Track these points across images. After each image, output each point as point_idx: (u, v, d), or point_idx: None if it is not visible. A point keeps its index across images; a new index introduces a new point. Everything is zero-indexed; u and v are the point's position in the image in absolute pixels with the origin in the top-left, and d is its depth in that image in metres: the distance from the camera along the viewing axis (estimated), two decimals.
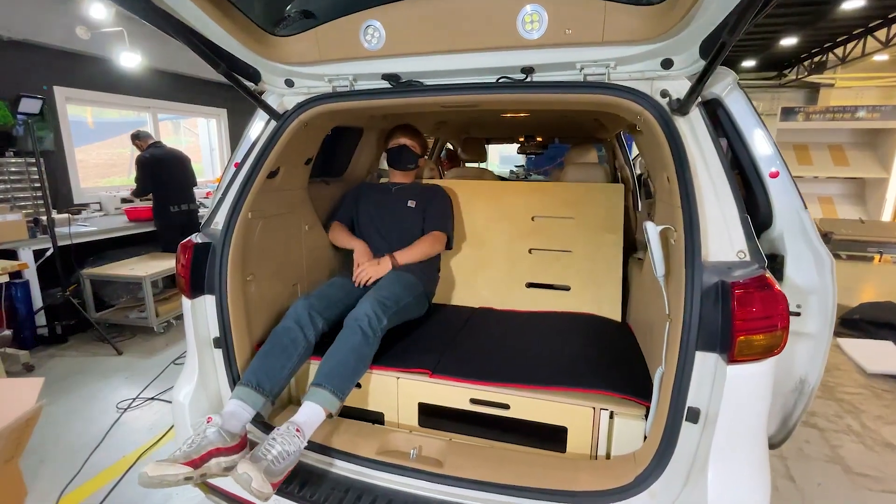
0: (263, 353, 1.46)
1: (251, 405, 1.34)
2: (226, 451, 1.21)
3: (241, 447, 1.25)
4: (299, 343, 1.50)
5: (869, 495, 2.01)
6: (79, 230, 3.72)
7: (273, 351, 1.47)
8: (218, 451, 1.19)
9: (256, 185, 1.53)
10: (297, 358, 1.49)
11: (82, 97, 4.60)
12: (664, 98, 1.28)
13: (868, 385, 2.98)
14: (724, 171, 1.18)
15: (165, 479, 1.08)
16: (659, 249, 1.19)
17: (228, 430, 1.24)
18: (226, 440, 1.21)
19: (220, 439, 1.20)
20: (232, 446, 1.22)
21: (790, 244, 1.29)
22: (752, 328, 0.99)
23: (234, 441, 1.24)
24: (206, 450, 1.17)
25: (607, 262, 2.04)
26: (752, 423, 1.04)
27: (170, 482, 1.09)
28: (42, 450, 2.28)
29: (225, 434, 1.22)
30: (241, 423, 1.30)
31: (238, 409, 1.32)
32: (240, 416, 1.31)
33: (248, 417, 1.34)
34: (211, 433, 1.20)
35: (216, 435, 1.20)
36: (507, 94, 1.38)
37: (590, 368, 1.44)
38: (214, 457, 1.18)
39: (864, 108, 7.47)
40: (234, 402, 1.33)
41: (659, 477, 1.10)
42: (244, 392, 1.36)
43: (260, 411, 1.36)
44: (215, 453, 1.18)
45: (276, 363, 1.44)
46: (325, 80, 1.55)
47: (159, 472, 1.08)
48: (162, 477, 1.08)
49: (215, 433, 1.20)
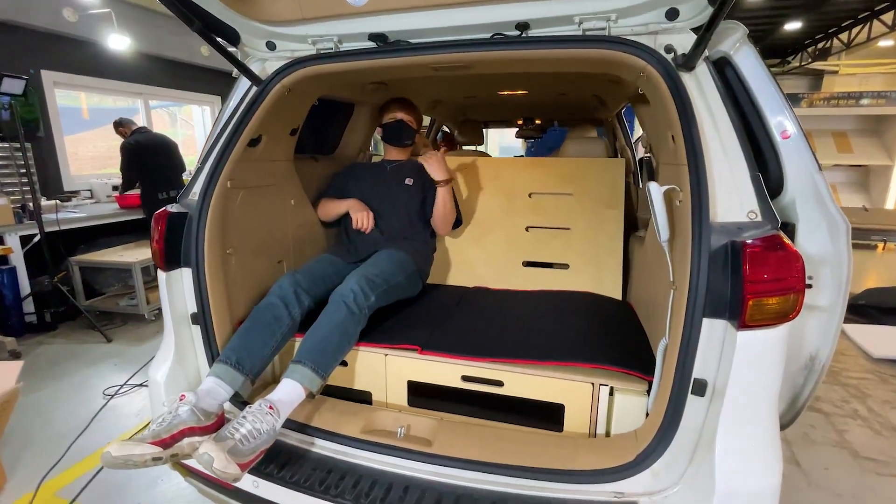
0: (244, 330, 1.38)
1: (229, 383, 1.27)
2: (200, 431, 1.13)
3: (218, 426, 1.17)
4: (283, 320, 1.43)
5: (877, 479, 1.94)
6: (67, 216, 3.64)
7: (255, 328, 1.39)
8: (191, 430, 1.11)
9: (236, 152, 1.44)
10: (280, 336, 1.41)
11: (71, 82, 4.50)
12: (668, 53, 1.20)
13: (874, 370, 2.91)
14: (733, 128, 1.10)
15: (131, 460, 1.00)
16: (663, 212, 1.11)
17: (203, 409, 1.16)
18: (200, 419, 1.13)
19: (194, 418, 1.12)
20: (207, 425, 1.14)
21: (802, 211, 1.20)
22: (764, 290, 0.91)
23: (210, 420, 1.16)
24: (178, 429, 1.09)
25: (608, 238, 1.96)
26: (763, 395, 0.97)
27: (136, 463, 1.00)
28: (25, 437, 2.22)
29: (199, 412, 1.14)
30: (217, 402, 1.23)
31: (215, 387, 1.25)
32: (216, 395, 1.24)
33: (226, 396, 1.26)
34: (183, 411, 1.12)
35: (189, 413, 1.12)
36: (502, 51, 1.29)
37: (588, 344, 1.37)
38: (187, 436, 1.10)
39: (869, 95, 7.35)
40: (211, 380, 1.26)
41: (662, 454, 1.03)
42: (222, 370, 1.28)
43: (239, 390, 1.28)
44: (188, 432, 1.10)
45: (257, 340, 1.36)
46: (309, 42, 1.46)
47: (124, 453, 0.99)
48: (127, 457, 1.00)
49: (188, 412, 1.12)
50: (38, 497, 1.80)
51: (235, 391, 1.28)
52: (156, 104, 5.89)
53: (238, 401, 1.34)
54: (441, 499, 1.05)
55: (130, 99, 5.34)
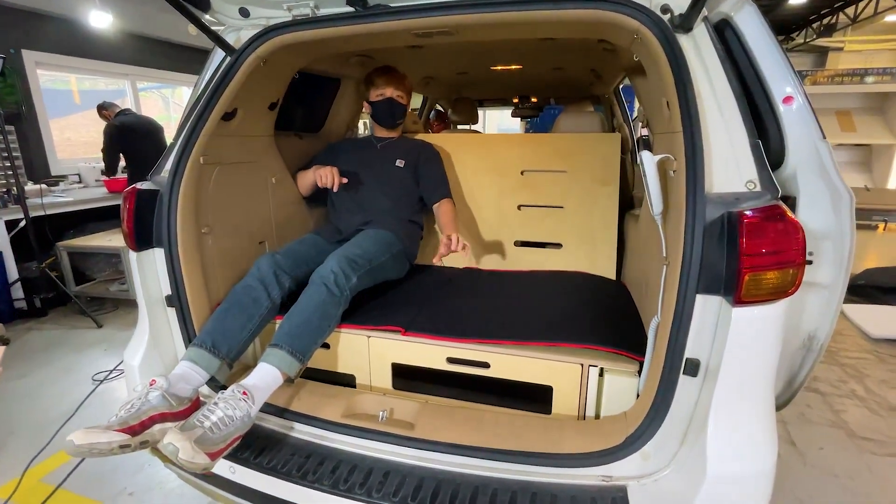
0: (221, 312, 1.33)
1: (204, 368, 1.21)
2: (172, 417, 1.08)
3: (192, 411, 1.12)
4: (261, 302, 1.37)
5: (874, 459, 1.92)
6: (53, 201, 3.57)
7: (231, 310, 1.33)
8: (163, 416, 1.06)
9: (209, 126, 1.37)
10: (258, 318, 1.35)
11: (54, 62, 4.37)
12: (665, 14, 1.11)
13: (872, 350, 2.88)
14: (732, 93, 1.02)
15: (96, 448, 0.95)
16: (656, 182, 1.04)
17: (175, 394, 1.11)
18: (172, 405, 1.08)
19: (165, 404, 1.07)
20: (179, 411, 1.09)
21: (804, 182, 1.13)
22: (762, 264, 0.85)
23: (183, 405, 1.11)
24: (148, 415, 1.04)
25: (602, 216, 1.89)
26: (758, 376, 0.92)
27: (101, 451, 0.95)
28: (11, 423, 2.19)
29: (171, 398, 1.09)
30: (191, 387, 1.18)
31: (189, 371, 1.19)
32: (190, 380, 1.19)
33: (201, 381, 1.21)
34: (153, 397, 1.07)
35: (159, 399, 1.07)
36: (487, 13, 1.21)
37: (578, 324, 1.31)
38: (158, 423, 1.05)
39: (874, 72, 7.19)
40: (185, 364, 1.20)
41: (652, 437, 0.98)
42: (197, 353, 1.23)
43: (215, 375, 1.23)
44: (159, 419, 1.05)
45: (234, 323, 1.31)
46: (284, 8, 1.37)
47: (88, 441, 0.94)
48: (91, 445, 0.94)
49: (158, 397, 1.07)
50: (23, 483, 1.77)
51: (212, 376, 1.23)
52: (146, 86, 5.75)
53: (217, 385, 1.29)
54: (421, 484, 1.01)
55: (121, 81, 5.20)
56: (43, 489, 1.76)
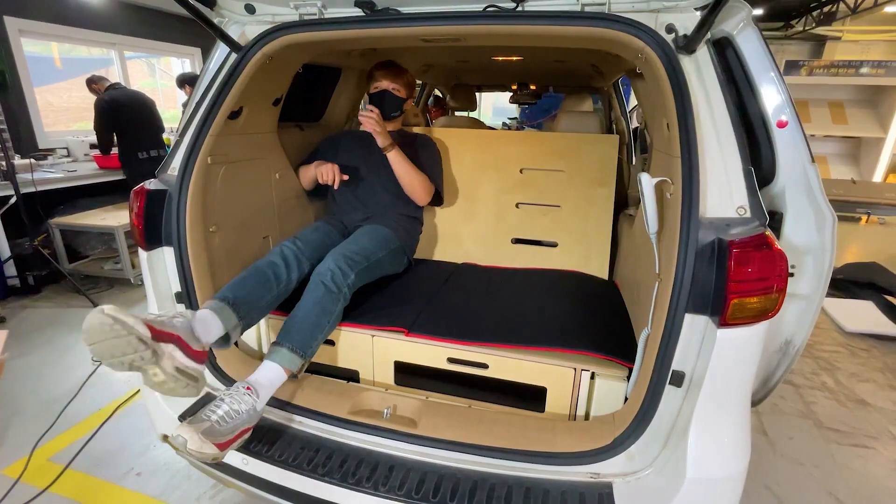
0: (241, 279, 1.35)
1: (222, 320, 1.22)
2: (186, 348, 1.08)
3: (201, 357, 1.13)
4: (281, 278, 1.40)
5: (837, 449, 2.06)
6: (44, 177, 3.51)
7: (253, 278, 1.36)
8: (180, 340, 1.07)
9: (216, 126, 1.38)
10: (276, 292, 1.38)
11: (39, 30, 4.20)
12: (670, 34, 1.14)
13: (846, 343, 3.03)
14: (729, 119, 1.07)
15: (119, 323, 0.94)
16: (653, 204, 1.10)
17: (193, 333, 1.13)
18: (190, 335, 1.10)
19: (186, 332, 1.09)
20: (194, 349, 1.10)
21: (791, 201, 1.20)
22: (747, 290, 0.92)
23: (198, 346, 1.12)
24: (168, 331, 1.05)
25: (597, 217, 1.95)
26: (737, 388, 1.00)
27: (118, 332, 0.94)
28: (15, 402, 2.23)
29: (190, 332, 1.11)
30: (208, 333, 1.19)
31: (209, 317, 1.20)
32: (209, 325, 1.19)
33: (217, 333, 1.21)
34: (178, 321, 1.09)
35: (182, 324, 1.10)
36: (495, 25, 1.22)
37: (572, 328, 1.39)
38: (173, 344, 1.05)
39: (869, 64, 7.22)
40: (206, 311, 1.21)
41: (638, 439, 1.07)
42: (218, 305, 1.24)
43: (229, 332, 1.25)
44: (177, 340, 1.06)
45: (253, 289, 1.34)
46: (291, 6, 1.37)
47: (117, 314, 0.95)
48: (116, 319, 0.94)
49: (183, 322, 1.10)
50: (31, 463, 1.84)
51: (227, 332, 1.24)
52: (132, 55, 5.56)
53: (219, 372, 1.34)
54: (425, 478, 1.09)
55: (105, 49, 5.03)
56: (51, 468, 1.83)
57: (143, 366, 1.01)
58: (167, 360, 1.04)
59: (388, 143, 1.79)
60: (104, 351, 0.97)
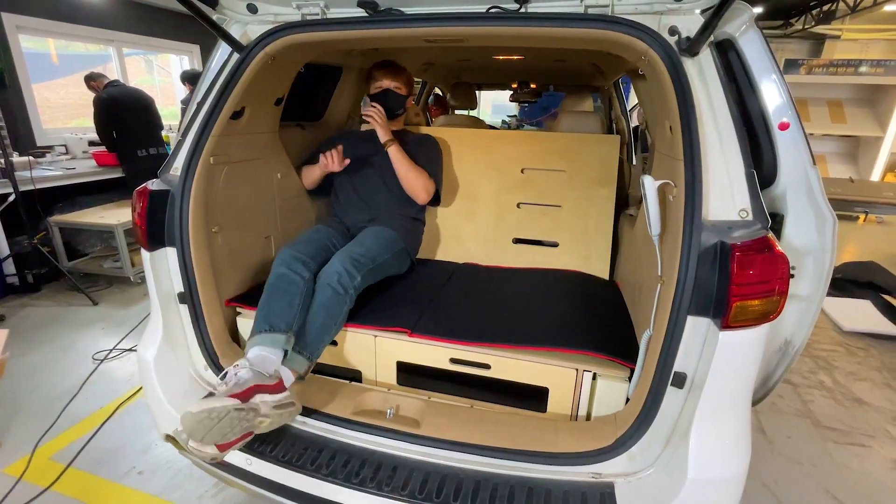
0: (264, 301, 1.37)
1: (272, 346, 1.26)
2: (268, 389, 1.16)
3: (280, 387, 1.20)
4: (298, 283, 1.40)
5: (835, 447, 2.08)
6: (42, 174, 3.50)
7: (273, 295, 1.37)
8: (259, 387, 1.14)
9: (218, 126, 1.38)
10: (300, 296, 1.38)
11: (36, 26, 4.18)
12: (673, 36, 1.15)
13: (843, 342, 3.05)
14: (732, 121, 1.07)
15: (214, 412, 1.01)
16: (656, 206, 1.10)
17: (260, 372, 1.18)
18: (263, 376, 1.17)
19: (258, 376, 1.15)
20: (272, 384, 1.17)
21: (792, 203, 1.20)
22: (749, 293, 0.93)
23: (273, 380, 1.19)
24: (248, 385, 1.11)
25: (598, 217, 1.95)
26: (738, 390, 1.01)
27: (218, 414, 1.02)
28: (16, 401, 2.23)
29: (260, 371, 1.17)
30: (271, 364, 1.24)
31: (261, 353, 1.25)
32: (266, 359, 1.24)
33: (276, 360, 1.26)
34: (244, 373, 1.15)
35: (249, 373, 1.15)
36: (499, 26, 1.22)
37: (574, 329, 1.39)
38: (258, 393, 1.13)
39: (868, 63, 7.23)
40: (255, 351, 1.25)
41: (639, 439, 1.08)
42: (260, 339, 1.27)
43: (284, 347, 1.28)
44: (257, 390, 1.13)
45: (281, 304, 1.35)
46: (294, 6, 1.37)
47: (204, 406, 1.01)
48: (210, 410, 1.01)
49: (248, 371, 1.15)
50: (32, 462, 1.84)
51: (284, 350, 1.28)
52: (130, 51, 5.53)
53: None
54: (428, 478, 1.10)
55: (102, 45, 5.00)
56: (53, 467, 1.83)
57: (252, 425, 1.10)
58: (264, 407, 1.13)
59: (388, 137, 1.80)
60: (217, 436, 1.03)
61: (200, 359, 1.40)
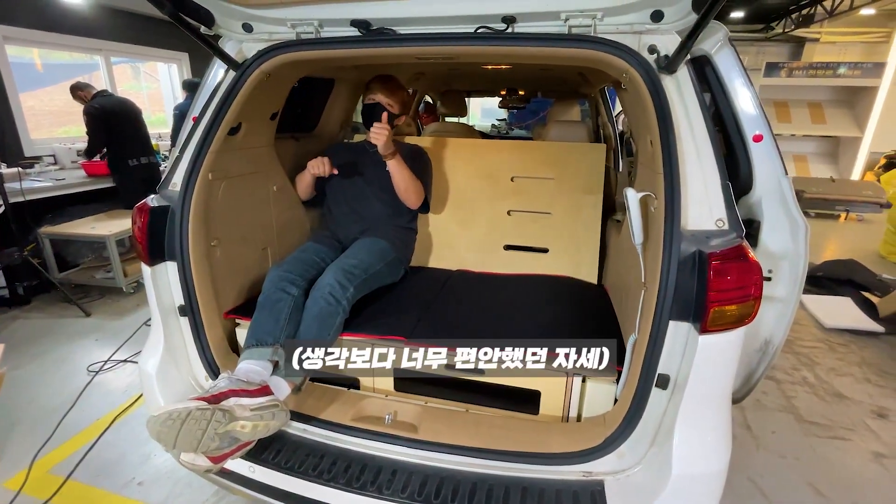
0: (254, 319, 1.43)
1: (260, 357, 1.32)
2: (244, 393, 1.18)
3: (265, 391, 1.23)
4: (286, 300, 1.45)
5: (817, 441, 2.16)
6: (31, 185, 3.48)
7: (262, 312, 1.43)
8: (234, 391, 1.17)
9: (216, 142, 1.41)
10: (287, 309, 1.43)
11: (24, 37, 4.16)
12: (652, 54, 1.21)
13: (825, 339, 3.14)
14: (708, 136, 1.14)
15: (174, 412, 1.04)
16: (638, 217, 1.16)
17: (244, 380, 1.23)
18: (242, 383, 1.20)
19: (235, 384, 1.19)
20: (251, 389, 1.20)
21: (768, 210, 1.27)
22: (725, 299, 0.99)
23: (254, 386, 1.22)
24: (220, 391, 1.15)
25: (586, 224, 2.02)
26: (718, 389, 1.07)
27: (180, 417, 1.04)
28: (12, 414, 2.23)
29: (240, 382, 1.21)
30: (258, 377, 1.28)
31: (249, 366, 1.29)
32: (253, 371, 1.29)
33: (264, 371, 1.30)
34: (223, 382, 1.19)
35: (227, 382, 1.19)
36: (487, 45, 1.28)
37: (564, 333, 1.45)
38: (231, 396, 1.15)
39: (846, 65, 7.44)
40: (243, 365, 1.30)
41: (627, 439, 1.14)
42: (249, 353, 1.33)
43: (270, 359, 1.33)
44: (231, 394, 1.16)
45: (269, 319, 1.40)
46: (288, 25, 1.41)
47: (165, 409, 1.04)
48: (169, 412, 1.03)
49: (226, 380, 1.19)
50: (31, 475, 1.84)
51: (272, 362, 1.33)
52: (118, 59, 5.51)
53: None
54: (426, 481, 1.14)
55: (88, 54, 4.98)
56: (52, 480, 1.83)
57: (227, 428, 1.07)
58: (239, 410, 1.11)
59: (389, 151, 1.80)
60: (187, 442, 1.03)
61: (201, 369, 1.43)
